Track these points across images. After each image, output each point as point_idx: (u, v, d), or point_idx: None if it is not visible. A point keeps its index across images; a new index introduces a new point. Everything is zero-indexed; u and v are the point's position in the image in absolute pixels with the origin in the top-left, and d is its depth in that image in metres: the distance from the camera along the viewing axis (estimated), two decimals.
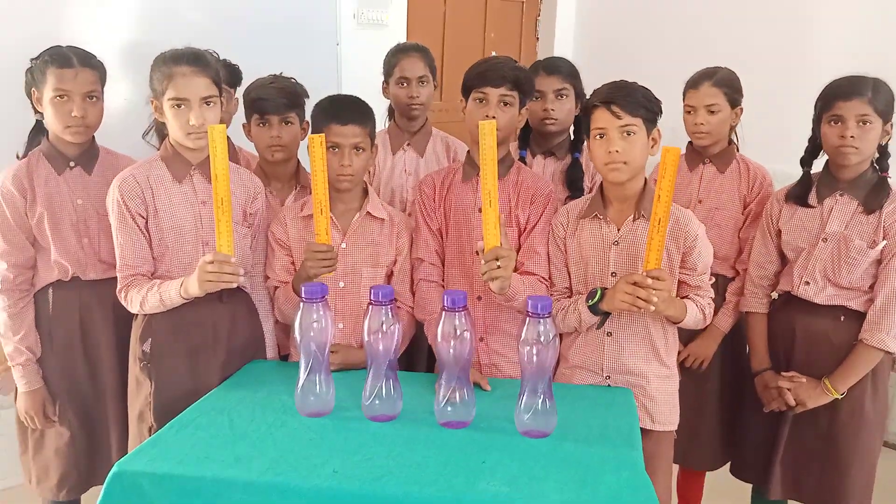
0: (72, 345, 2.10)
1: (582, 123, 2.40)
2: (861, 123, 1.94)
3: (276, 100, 2.25)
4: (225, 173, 1.75)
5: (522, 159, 2.41)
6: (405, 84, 2.58)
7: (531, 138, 2.45)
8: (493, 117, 1.91)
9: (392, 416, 1.73)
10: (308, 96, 2.34)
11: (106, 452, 2.15)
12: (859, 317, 2.02)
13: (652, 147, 1.86)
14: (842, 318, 2.04)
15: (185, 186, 1.93)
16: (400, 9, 3.65)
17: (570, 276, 2.01)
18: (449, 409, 1.68)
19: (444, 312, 1.64)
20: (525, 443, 1.62)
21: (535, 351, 1.61)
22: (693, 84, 2.33)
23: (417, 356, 2.36)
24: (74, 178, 2.07)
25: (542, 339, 1.60)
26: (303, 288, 1.71)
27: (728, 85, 2.30)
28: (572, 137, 2.45)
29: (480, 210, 1.89)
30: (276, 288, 2.09)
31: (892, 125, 1.99)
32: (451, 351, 1.65)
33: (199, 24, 2.93)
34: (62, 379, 2.11)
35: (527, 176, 2.09)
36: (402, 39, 3.43)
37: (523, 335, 1.63)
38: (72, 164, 2.06)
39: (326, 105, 2.03)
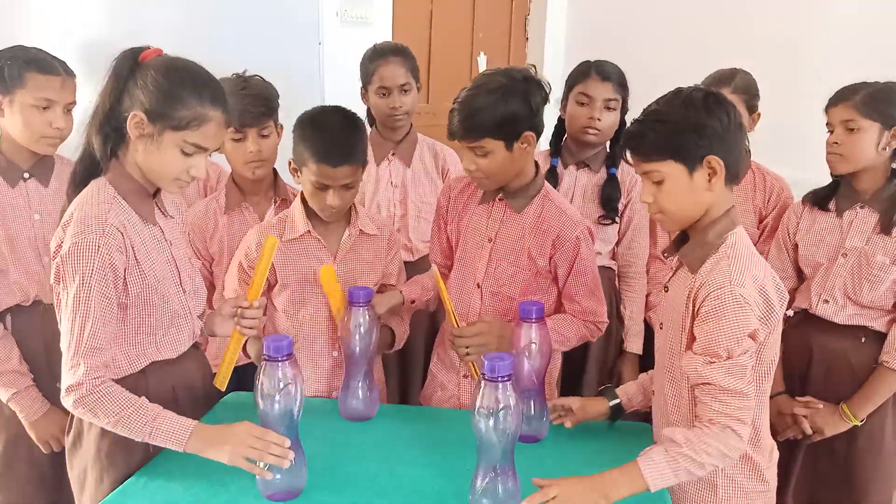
0: (36, 376, 1.89)
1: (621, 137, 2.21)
2: (848, 130, 1.83)
3: (252, 110, 1.99)
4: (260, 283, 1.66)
5: (553, 169, 2.25)
6: (386, 94, 2.38)
7: (563, 146, 2.30)
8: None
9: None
10: (278, 94, 2.11)
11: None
12: (881, 338, 1.89)
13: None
14: (862, 339, 1.91)
15: (154, 228, 1.54)
16: (385, 6, 3.47)
17: None
18: (485, 501, 1.35)
19: (484, 382, 1.31)
20: None
21: None
22: None
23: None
24: (30, 191, 1.90)
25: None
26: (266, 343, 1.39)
27: (746, 91, 2.15)
28: (608, 150, 2.28)
29: (490, 240, 1.81)
30: None
31: None
32: (493, 430, 1.30)
33: (169, 20, 2.69)
34: None
35: (552, 211, 1.78)
36: (388, 38, 3.26)
37: None
38: (26, 175, 1.89)
39: (315, 141, 1.75)
